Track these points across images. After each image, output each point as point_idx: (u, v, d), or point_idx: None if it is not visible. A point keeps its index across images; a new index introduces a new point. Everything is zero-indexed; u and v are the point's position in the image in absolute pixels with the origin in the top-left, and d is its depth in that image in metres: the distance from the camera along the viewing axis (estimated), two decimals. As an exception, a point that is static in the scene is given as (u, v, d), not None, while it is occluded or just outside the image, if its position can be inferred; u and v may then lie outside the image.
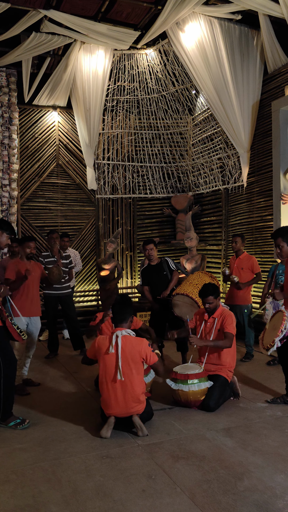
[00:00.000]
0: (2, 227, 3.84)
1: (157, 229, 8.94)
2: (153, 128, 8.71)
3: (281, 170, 6.41)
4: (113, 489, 2.69)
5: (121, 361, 3.41)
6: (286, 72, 6.52)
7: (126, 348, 3.46)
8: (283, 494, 2.61)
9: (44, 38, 6.68)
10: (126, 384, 3.43)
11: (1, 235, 3.85)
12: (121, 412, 3.46)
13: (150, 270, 5.61)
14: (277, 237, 4.10)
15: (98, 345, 3.57)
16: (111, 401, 3.46)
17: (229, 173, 7.77)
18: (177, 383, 3.97)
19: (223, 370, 4.15)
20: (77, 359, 5.97)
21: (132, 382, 3.45)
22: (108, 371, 3.47)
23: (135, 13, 6.60)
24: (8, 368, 3.63)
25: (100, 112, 7.91)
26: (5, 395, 3.62)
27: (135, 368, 3.48)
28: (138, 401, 3.48)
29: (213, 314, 4.32)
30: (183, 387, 3.93)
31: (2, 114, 7.43)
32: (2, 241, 3.86)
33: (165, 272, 5.51)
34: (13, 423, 3.66)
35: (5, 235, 3.86)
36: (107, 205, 8.59)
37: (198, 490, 2.66)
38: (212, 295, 4.24)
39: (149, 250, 5.53)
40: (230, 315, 4.25)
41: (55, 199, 8.23)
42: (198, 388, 3.93)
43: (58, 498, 2.62)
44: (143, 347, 3.52)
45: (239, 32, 6.81)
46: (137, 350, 3.48)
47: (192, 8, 6.31)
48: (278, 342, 3.84)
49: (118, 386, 3.43)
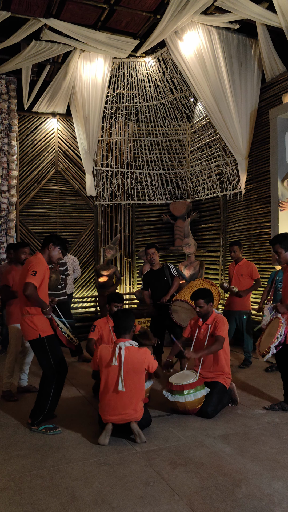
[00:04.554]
0: (55, 242, 3.91)
1: (156, 235, 8.96)
2: (151, 135, 8.76)
3: (279, 177, 6.45)
4: (111, 496, 2.69)
5: (123, 373, 3.42)
6: (283, 80, 6.59)
7: (130, 360, 3.47)
8: (281, 501, 2.61)
9: (44, 46, 6.74)
10: (126, 394, 3.44)
11: (54, 250, 3.92)
12: (119, 419, 3.46)
13: (152, 275, 5.62)
14: (275, 244, 4.14)
15: (101, 355, 3.56)
16: (109, 408, 3.46)
17: (227, 180, 7.81)
18: (174, 395, 3.96)
19: (221, 377, 4.15)
20: (75, 366, 5.96)
21: (132, 391, 3.46)
22: (110, 381, 3.47)
23: (134, 22, 6.67)
24: (60, 374, 3.81)
25: (99, 119, 7.96)
26: (53, 399, 3.78)
27: (137, 377, 3.50)
28: (136, 409, 3.48)
29: (207, 321, 4.32)
30: (179, 398, 3.92)
31: (2, 121, 7.47)
32: (54, 255, 3.94)
33: (166, 277, 5.51)
34: (45, 427, 3.73)
35: (57, 249, 3.93)
36: (106, 211, 8.62)
37: (196, 497, 2.66)
38: (202, 298, 4.25)
39: (151, 254, 5.54)
40: (221, 320, 4.26)
41: (54, 206, 8.26)
42: (195, 398, 3.92)
43: (56, 505, 2.62)
44: (147, 358, 3.54)
45: (237, 41, 6.88)
46: (140, 361, 3.50)
47: (190, 17, 6.38)
48: (274, 348, 3.85)
49: (118, 395, 3.44)
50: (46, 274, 3.84)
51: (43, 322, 3.81)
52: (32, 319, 3.76)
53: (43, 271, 3.77)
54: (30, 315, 3.77)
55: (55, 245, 3.91)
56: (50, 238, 3.95)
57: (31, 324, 3.76)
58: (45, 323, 3.83)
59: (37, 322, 3.76)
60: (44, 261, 3.86)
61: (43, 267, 3.79)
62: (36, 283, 3.67)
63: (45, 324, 3.83)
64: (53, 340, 3.84)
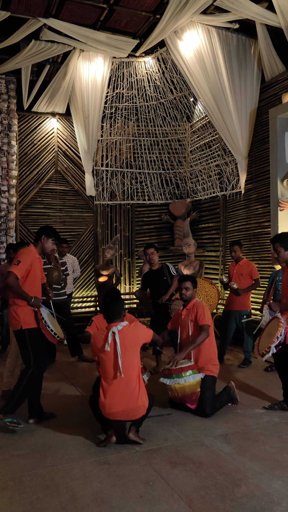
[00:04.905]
0: (48, 234, 3.89)
1: (155, 235, 8.97)
2: (151, 135, 8.76)
3: (278, 176, 6.46)
4: (111, 496, 2.69)
5: (121, 358, 3.32)
6: (283, 80, 6.59)
7: (127, 340, 3.38)
8: (280, 501, 2.61)
9: (44, 46, 6.74)
10: (126, 383, 3.34)
11: (47, 241, 3.90)
12: (121, 415, 3.36)
13: (151, 275, 5.63)
14: (275, 242, 4.16)
15: (94, 340, 3.48)
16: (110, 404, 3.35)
17: (227, 179, 7.81)
18: (173, 378, 3.92)
19: (207, 367, 4.09)
20: (75, 365, 5.97)
21: (131, 378, 3.35)
22: (106, 369, 3.39)
23: (133, 22, 6.68)
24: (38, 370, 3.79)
25: (99, 119, 7.97)
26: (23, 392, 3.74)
27: (133, 354, 3.40)
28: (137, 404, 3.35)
29: (186, 306, 4.29)
30: (179, 380, 3.89)
31: (1, 121, 7.47)
32: (48, 247, 3.91)
33: (166, 277, 5.53)
34: (9, 420, 3.67)
35: (50, 241, 3.91)
36: (106, 211, 8.62)
37: (196, 497, 2.67)
38: (190, 281, 4.26)
39: (150, 254, 5.55)
40: (202, 307, 4.19)
41: (54, 205, 8.26)
42: (194, 380, 3.91)
43: (56, 504, 2.62)
44: (141, 333, 3.48)
45: (237, 41, 6.89)
46: (135, 338, 3.44)
47: (190, 17, 6.39)
48: (274, 348, 3.85)
49: (117, 385, 3.34)
50: (35, 266, 3.78)
51: (27, 314, 3.76)
52: (16, 310, 3.74)
53: (28, 262, 3.72)
54: (15, 305, 3.74)
55: (48, 237, 3.89)
56: (43, 230, 3.92)
57: (14, 315, 3.74)
58: (29, 315, 3.77)
59: (21, 314, 3.73)
60: (33, 252, 3.83)
61: (30, 258, 3.74)
62: (18, 273, 3.63)
63: (29, 317, 3.77)
64: (35, 334, 3.79)
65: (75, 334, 6.07)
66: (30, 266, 3.74)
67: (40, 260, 3.92)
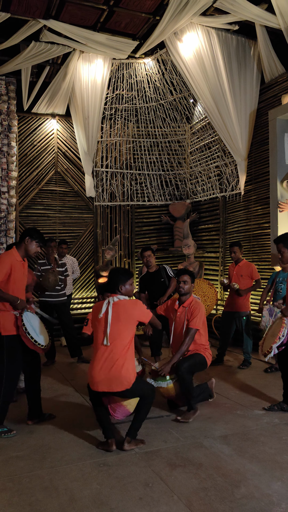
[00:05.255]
0: (32, 235, 3.82)
1: (155, 236, 8.97)
2: (151, 136, 8.77)
3: (278, 178, 6.46)
4: (110, 497, 2.69)
5: (110, 326, 3.30)
6: (282, 81, 6.60)
7: (120, 312, 3.35)
8: (280, 502, 2.60)
9: (44, 47, 6.75)
10: (114, 350, 3.28)
11: (31, 243, 3.81)
12: (103, 384, 3.25)
13: (148, 277, 5.63)
14: (278, 243, 4.19)
15: (93, 309, 3.50)
16: (95, 371, 3.28)
17: (226, 181, 7.82)
18: (157, 381, 3.93)
19: (200, 350, 4.12)
20: (74, 366, 5.96)
21: (117, 348, 3.28)
22: (96, 337, 3.37)
23: (133, 23, 6.68)
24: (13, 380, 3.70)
25: (99, 120, 7.97)
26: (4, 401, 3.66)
27: (125, 330, 3.33)
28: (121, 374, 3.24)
29: (183, 303, 4.23)
30: (162, 384, 3.91)
31: (1, 122, 7.47)
32: (31, 249, 3.83)
33: (163, 279, 5.53)
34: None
35: (34, 243, 3.83)
36: (105, 212, 8.62)
37: (195, 498, 2.66)
38: (188, 275, 4.22)
39: (147, 257, 5.56)
40: (197, 308, 4.12)
41: (54, 206, 8.26)
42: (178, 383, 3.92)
43: (55, 506, 2.62)
44: (137, 310, 3.41)
45: (236, 42, 6.89)
46: (131, 312, 3.37)
47: (190, 19, 6.39)
48: (276, 348, 3.86)
49: (102, 353, 3.30)
50: (16, 269, 3.70)
51: (7, 320, 3.67)
52: None
53: (7, 265, 3.64)
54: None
55: (32, 239, 3.81)
56: (28, 231, 3.85)
57: None
58: (9, 321, 3.67)
59: (1, 319, 3.65)
60: (14, 255, 3.74)
61: (8, 261, 3.67)
62: None
63: (9, 323, 3.67)
64: (14, 342, 3.68)
65: (75, 335, 6.06)
66: (9, 270, 3.65)
67: (22, 263, 3.81)
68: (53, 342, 6.17)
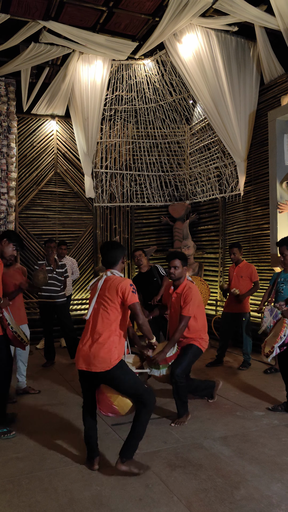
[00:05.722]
0: (10, 238, 3.84)
1: (155, 237, 8.97)
2: (150, 137, 8.78)
3: (277, 179, 6.46)
4: (110, 498, 2.69)
5: (96, 299, 3.17)
6: (282, 82, 6.61)
7: (107, 285, 3.17)
8: (279, 503, 2.60)
9: (43, 49, 6.75)
10: (94, 326, 3.15)
11: (7, 246, 3.84)
12: (83, 362, 3.07)
13: (141, 278, 5.69)
14: (282, 245, 4.21)
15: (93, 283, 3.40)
16: (79, 346, 3.15)
17: (226, 182, 7.82)
18: (151, 368, 3.86)
19: (196, 340, 4.05)
20: (74, 368, 5.95)
21: (100, 324, 3.12)
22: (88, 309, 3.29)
23: (133, 24, 6.69)
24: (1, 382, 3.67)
25: (98, 121, 7.97)
26: None
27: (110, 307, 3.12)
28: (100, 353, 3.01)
29: (177, 289, 4.12)
30: (155, 372, 3.87)
31: (1, 123, 7.48)
32: (7, 251, 3.85)
33: (156, 278, 5.59)
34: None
35: (11, 245, 3.85)
36: (105, 213, 8.62)
37: (195, 499, 2.66)
38: (179, 259, 4.07)
39: (138, 256, 5.66)
40: (189, 294, 3.97)
41: (53, 207, 8.26)
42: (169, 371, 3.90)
43: (55, 507, 2.61)
44: (123, 284, 3.10)
45: (236, 43, 6.90)
46: (115, 285, 3.11)
47: (189, 20, 6.40)
48: (277, 348, 3.87)
49: (87, 328, 3.19)
50: None
51: None
52: None
53: None
54: None
55: (9, 241, 3.83)
56: (6, 233, 3.87)
57: None
58: None
59: None
60: None
61: None
62: None
63: None
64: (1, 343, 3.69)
65: (74, 336, 6.06)
66: None
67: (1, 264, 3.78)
68: (53, 343, 6.19)
